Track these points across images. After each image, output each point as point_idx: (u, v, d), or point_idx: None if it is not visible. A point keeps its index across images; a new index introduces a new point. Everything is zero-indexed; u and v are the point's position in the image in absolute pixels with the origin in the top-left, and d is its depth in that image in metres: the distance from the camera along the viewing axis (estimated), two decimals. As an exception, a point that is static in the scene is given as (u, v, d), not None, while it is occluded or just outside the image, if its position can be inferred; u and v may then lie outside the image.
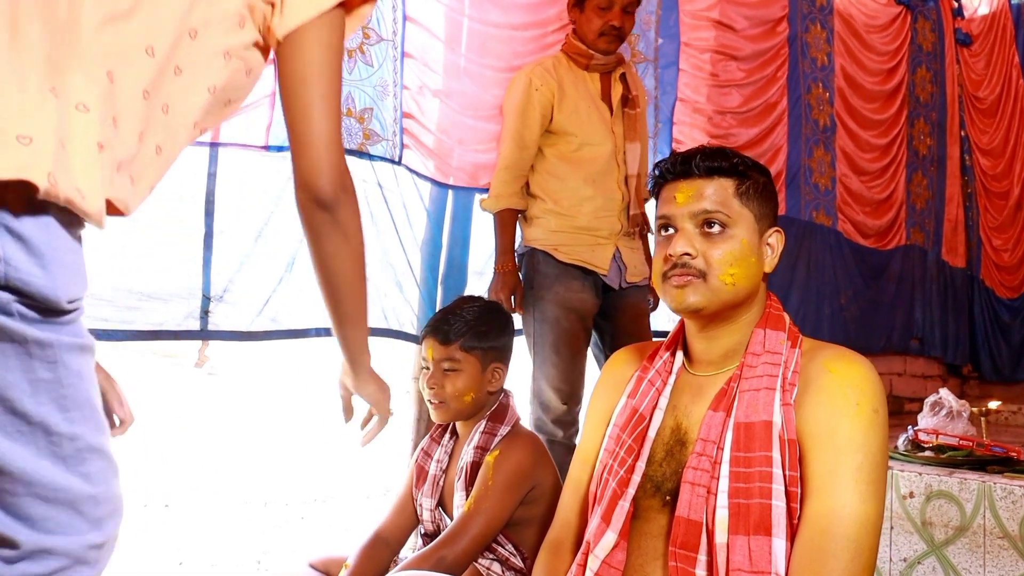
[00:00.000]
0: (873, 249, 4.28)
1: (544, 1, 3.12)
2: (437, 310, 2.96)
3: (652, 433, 1.36)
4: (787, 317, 1.35)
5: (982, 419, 2.60)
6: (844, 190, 4.13)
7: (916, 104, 4.65)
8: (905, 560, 2.54)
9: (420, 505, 2.00)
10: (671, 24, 3.47)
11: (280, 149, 2.55)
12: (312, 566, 2.01)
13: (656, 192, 1.40)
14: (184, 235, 2.34)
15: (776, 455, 1.20)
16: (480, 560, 1.88)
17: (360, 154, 2.73)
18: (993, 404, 2.78)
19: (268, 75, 2.52)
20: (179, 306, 2.31)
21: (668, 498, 1.30)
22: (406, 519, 2.02)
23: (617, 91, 2.64)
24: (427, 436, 2.09)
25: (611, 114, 2.63)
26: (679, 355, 1.43)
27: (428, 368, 1.94)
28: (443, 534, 1.82)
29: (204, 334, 2.37)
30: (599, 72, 2.65)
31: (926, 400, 2.71)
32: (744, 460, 1.21)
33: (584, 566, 1.37)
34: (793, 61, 3.94)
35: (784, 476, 1.19)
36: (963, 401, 2.63)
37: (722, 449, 1.24)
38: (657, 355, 1.47)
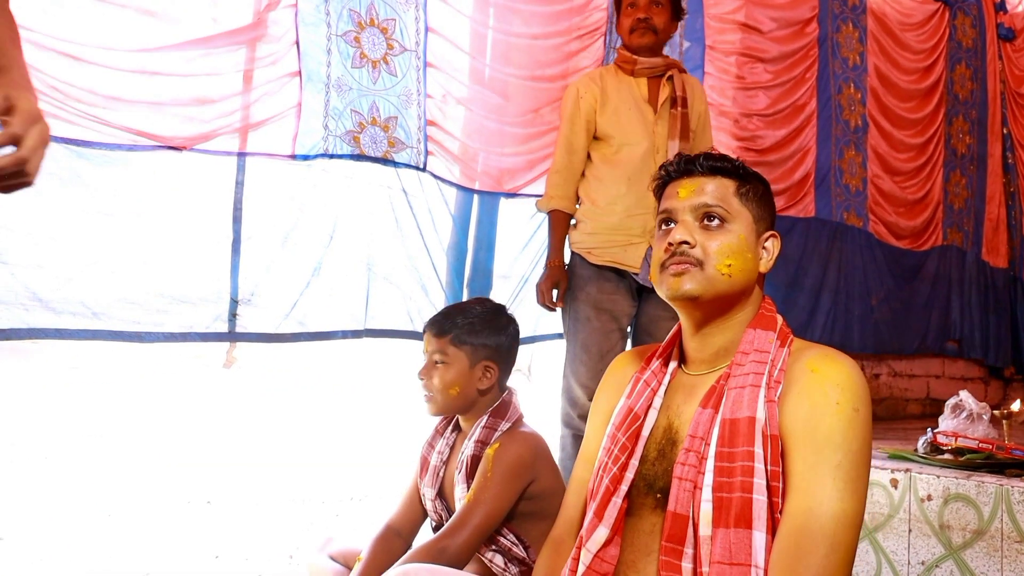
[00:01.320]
0: (907, 250, 4.23)
1: (563, 12, 3.19)
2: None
3: (646, 432, 1.39)
4: (779, 319, 1.38)
5: (1004, 422, 2.57)
6: (876, 191, 4.09)
7: (955, 102, 4.57)
8: (923, 564, 2.52)
9: (423, 496, 2.07)
10: (696, 28, 3.49)
11: (306, 158, 2.65)
12: (332, 557, 2.09)
13: (659, 192, 1.44)
14: (213, 241, 2.46)
15: (759, 450, 1.22)
16: (483, 551, 1.94)
17: (385, 161, 2.82)
18: (1016, 406, 2.73)
19: (294, 87, 2.65)
20: (207, 309, 2.43)
21: (660, 496, 1.33)
22: (415, 510, 2.09)
23: (664, 93, 2.70)
24: (432, 429, 2.16)
25: (655, 115, 2.68)
26: (675, 356, 1.46)
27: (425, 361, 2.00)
28: (445, 526, 1.88)
29: (232, 336, 2.49)
30: (646, 76, 2.72)
31: (947, 402, 2.69)
32: (728, 455, 1.24)
33: (578, 560, 1.41)
34: (823, 61, 3.92)
35: (766, 471, 1.21)
36: (984, 403, 2.60)
37: (709, 445, 1.27)
38: (655, 356, 1.51)
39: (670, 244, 1.34)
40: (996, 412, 2.58)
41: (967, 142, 4.60)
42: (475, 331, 1.98)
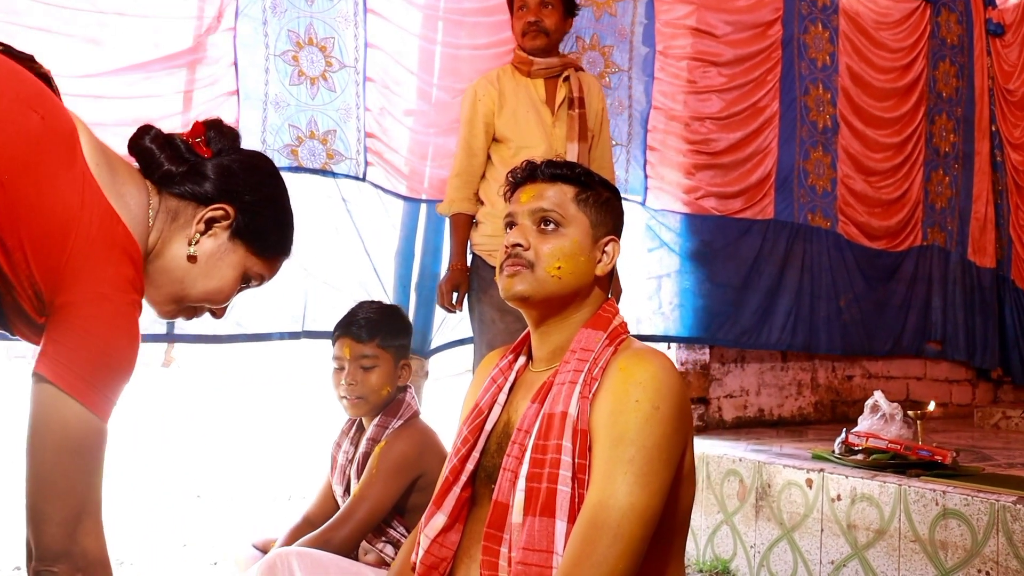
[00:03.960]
0: (882, 251, 4.19)
1: (504, 23, 3.27)
2: (410, 316, 3.18)
3: (488, 426, 1.47)
4: (617, 320, 1.43)
5: (918, 422, 2.57)
6: (846, 191, 4.07)
7: (938, 99, 4.51)
8: (832, 563, 2.56)
9: (335, 492, 2.20)
10: (646, 34, 3.55)
11: (243, 171, 2.81)
12: (255, 546, 2.25)
13: (509, 197, 1.53)
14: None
15: (567, 443, 1.28)
16: (375, 543, 2.06)
17: (324, 172, 2.97)
18: (931, 406, 2.72)
19: (232, 105, 2.81)
20: (145, 312, 2.60)
21: (494, 486, 1.42)
22: (330, 504, 2.22)
23: (561, 94, 2.73)
24: (340, 429, 2.29)
25: (553, 116, 2.72)
26: (524, 353, 1.53)
27: (342, 368, 2.09)
28: (332, 518, 2.01)
29: (170, 337, 2.66)
30: (543, 77, 2.74)
31: (866, 403, 2.71)
32: (542, 447, 1.30)
33: (418, 545, 1.51)
34: (787, 63, 3.92)
35: (573, 463, 1.27)
36: (896, 404, 2.61)
37: (530, 437, 1.34)
38: (507, 354, 1.59)
39: (506, 246, 1.42)
40: (910, 413, 2.59)
41: (951, 140, 4.53)
42: (393, 333, 2.10)
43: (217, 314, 1.36)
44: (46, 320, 1.08)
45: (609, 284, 1.48)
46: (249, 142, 2.82)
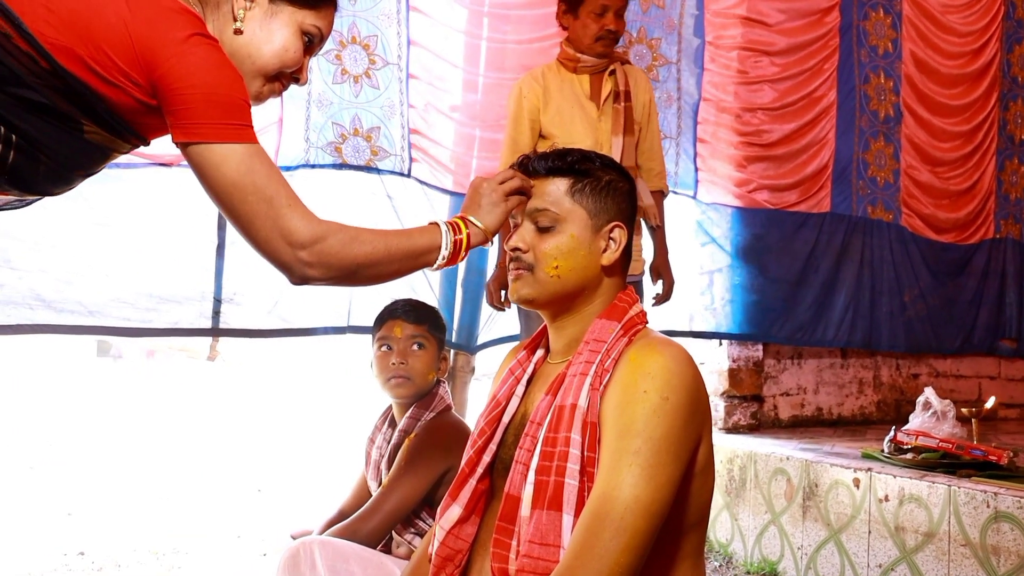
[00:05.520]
0: (950, 244, 4.01)
1: (548, 16, 3.26)
2: (455, 311, 3.21)
3: (506, 419, 1.46)
4: (634, 310, 1.40)
5: (973, 420, 2.45)
6: (910, 183, 3.91)
7: (1012, 85, 4.29)
8: (880, 566, 2.46)
9: (370, 487, 2.23)
10: (696, 25, 3.49)
11: (288, 169, 2.88)
12: (293, 537, 2.30)
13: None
14: (199, 247, 2.72)
15: (576, 436, 1.26)
16: (403, 534, 2.08)
17: (368, 169, 3.01)
18: (990, 403, 2.58)
19: (275, 104, 2.88)
20: (192, 307, 2.70)
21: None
22: (364, 497, 2.25)
23: (607, 88, 2.73)
24: (373, 425, 2.32)
25: (598, 111, 2.71)
26: (542, 346, 1.52)
27: (390, 348, 2.11)
28: (360, 510, 2.04)
29: (215, 332, 2.74)
30: (588, 73, 2.74)
31: (918, 399, 2.59)
32: (552, 440, 1.29)
33: (435, 536, 1.52)
34: (846, 51, 3.79)
35: (582, 456, 1.25)
36: (947, 401, 2.49)
37: (542, 429, 1.32)
38: (525, 347, 1.59)
39: (508, 250, 1.41)
40: (964, 410, 2.47)
41: (1027, 127, 4.31)
42: (439, 324, 2.15)
43: (301, 80, 1.42)
44: (158, 101, 1.19)
45: (623, 270, 1.45)
46: (293, 140, 2.90)
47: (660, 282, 2.84)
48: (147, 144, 1.30)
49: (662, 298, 2.88)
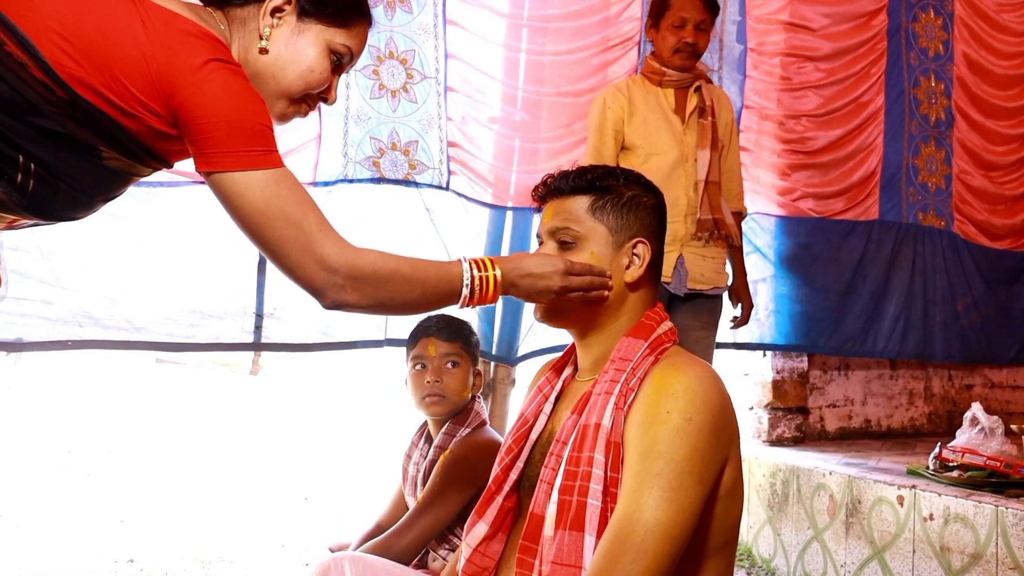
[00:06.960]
0: (1005, 251, 3.88)
1: (592, 26, 3.27)
2: (495, 323, 3.21)
3: (533, 436, 1.46)
4: (662, 328, 1.39)
5: (1022, 437, 2.36)
6: (963, 188, 3.80)
7: (1072, 85, 4.13)
8: (927, 587, 2.39)
9: (407, 502, 2.25)
10: (737, 31, 3.44)
11: (327, 184, 2.92)
12: (331, 550, 2.33)
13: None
14: (240, 263, 2.77)
15: (599, 456, 1.25)
16: (438, 550, 2.09)
17: (407, 183, 3.04)
18: (1039, 422, 2.49)
19: (313, 121, 2.92)
20: (234, 322, 2.75)
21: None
22: (401, 512, 2.27)
23: (692, 103, 2.74)
24: (409, 440, 2.34)
25: (683, 125, 2.73)
26: (571, 364, 1.52)
27: (424, 366, 2.13)
28: (394, 526, 2.06)
29: (256, 346, 2.79)
30: (673, 87, 2.77)
31: (965, 415, 2.51)
32: (575, 459, 1.28)
33: (461, 553, 1.53)
34: (894, 54, 3.70)
35: (605, 477, 1.24)
36: (995, 417, 2.40)
37: (567, 448, 1.31)
38: (554, 365, 1.59)
39: None
40: (1014, 427, 2.38)
41: (1088, 129, 4.14)
42: (473, 340, 2.17)
43: (329, 100, 1.39)
44: (178, 130, 1.19)
45: (652, 286, 1.43)
46: (331, 155, 2.94)
47: (740, 305, 2.84)
48: (170, 167, 1.30)
49: (740, 321, 2.89)
